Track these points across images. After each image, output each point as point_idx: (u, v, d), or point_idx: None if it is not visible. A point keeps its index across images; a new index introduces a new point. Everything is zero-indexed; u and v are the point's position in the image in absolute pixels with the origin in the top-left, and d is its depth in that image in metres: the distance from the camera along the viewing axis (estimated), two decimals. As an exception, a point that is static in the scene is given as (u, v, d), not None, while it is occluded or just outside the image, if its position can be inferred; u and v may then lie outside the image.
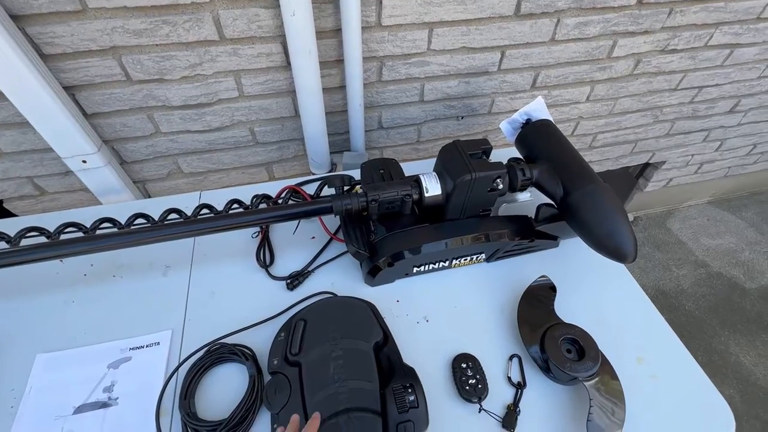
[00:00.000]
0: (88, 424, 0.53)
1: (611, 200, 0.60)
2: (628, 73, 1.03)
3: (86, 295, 0.66)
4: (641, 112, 1.18)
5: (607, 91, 1.07)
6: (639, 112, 1.17)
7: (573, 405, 0.56)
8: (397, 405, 0.51)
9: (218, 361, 0.58)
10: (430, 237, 0.65)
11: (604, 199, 0.60)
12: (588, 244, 0.61)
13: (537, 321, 0.61)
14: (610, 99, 1.09)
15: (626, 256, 0.56)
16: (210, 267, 0.70)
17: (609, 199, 0.60)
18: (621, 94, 1.09)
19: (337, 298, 0.62)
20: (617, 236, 0.57)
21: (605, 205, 0.59)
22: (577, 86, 1.02)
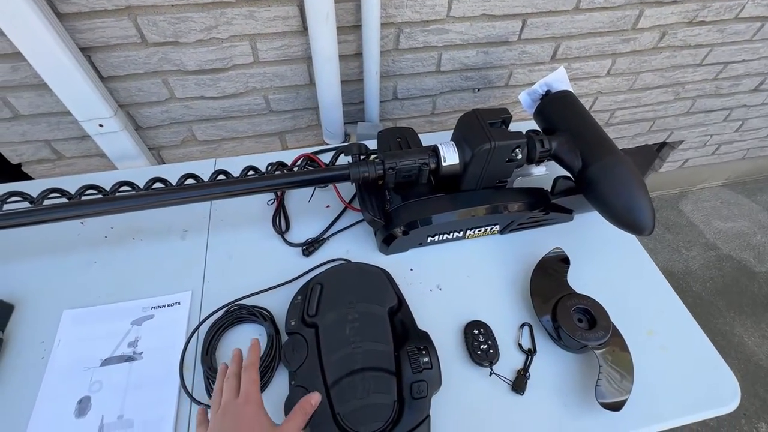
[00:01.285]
0: (116, 375, 0.55)
1: (631, 172, 0.59)
2: (652, 46, 1.00)
3: (108, 256, 0.68)
4: (662, 89, 1.14)
5: (628, 65, 1.03)
6: (660, 88, 1.14)
7: (582, 372, 0.57)
8: (412, 366, 0.52)
9: (237, 321, 0.60)
10: (445, 207, 0.65)
11: (623, 171, 0.59)
12: (605, 216, 0.61)
13: (549, 291, 0.61)
14: (631, 73, 1.06)
15: (644, 229, 0.56)
16: (227, 232, 0.71)
17: (629, 172, 0.59)
18: (643, 68, 1.05)
19: (353, 264, 0.63)
20: (636, 209, 0.57)
21: (625, 178, 0.59)
22: (599, 59, 0.99)
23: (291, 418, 0.41)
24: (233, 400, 0.41)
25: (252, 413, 0.40)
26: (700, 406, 0.55)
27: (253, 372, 0.43)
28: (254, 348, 0.47)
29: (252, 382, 0.42)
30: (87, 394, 0.53)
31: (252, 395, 0.41)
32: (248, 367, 0.44)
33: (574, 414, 0.54)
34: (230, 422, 0.39)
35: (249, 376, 0.43)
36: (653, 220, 0.57)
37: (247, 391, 0.41)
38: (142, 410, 0.52)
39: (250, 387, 0.42)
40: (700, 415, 0.55)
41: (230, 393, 0.42)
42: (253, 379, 0.43)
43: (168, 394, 0.54)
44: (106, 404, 0.53)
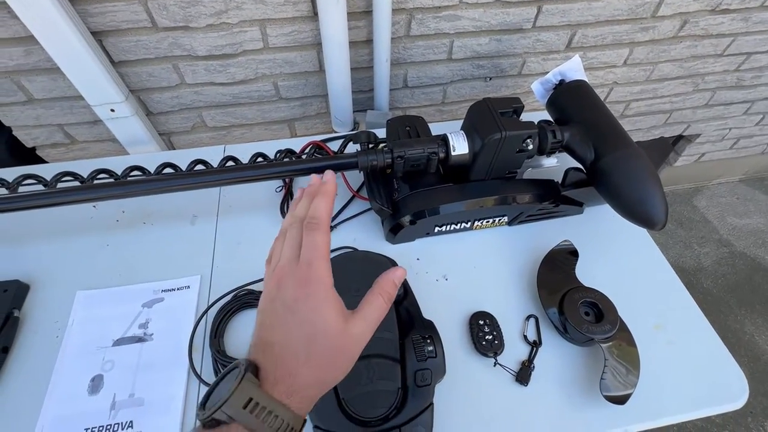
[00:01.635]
0: (127, 355, 0.57)
1: (645, 166, 0.58)
2: (672, 35, 0.97)
3: (119, 240, 0.69)
4: (681, 80, 1.11)
5: (646, 55, 1.00)
6: (678, 79, 1.11)
7: (587, 365, 0.57)
8: (416, 354, 0.53)
9: (245, 306, 0.61)
10: (453, 197, 0.65)
11: (637, 163, 0.58)
12: (617, 209, 0.60)
13: (556, 284, 0.61)
14: (648, 63, 1.03)
15: (656, 223, 0.55)
16: (235, 218, 0.72)
17: (642, 164, 0.58)
18: (661, 58, 1.02)
19: (359, 252, 0.63)
20: (649, 202, 0.56)
21: (638, 170, 0.57)
22: (616, 48, 0.96)
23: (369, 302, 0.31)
24: (292, 262, 0.30)
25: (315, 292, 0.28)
26: (706, 402, 0.55)
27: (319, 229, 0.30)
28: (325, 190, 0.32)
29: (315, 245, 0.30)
30: (100, 372, 0.55)
31: (317, 264, 0.29)
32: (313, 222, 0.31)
33: (578, 406, 0.54)
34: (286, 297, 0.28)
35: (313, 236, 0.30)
36: (666, 214, 0.56)
37: (309, 258, 0.29)
38: (152, 389, 0.54)
39: (313, 253, 0.29)
40: (706, 411, 0.55)
41: (290, 250, 0.31)
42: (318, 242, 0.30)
43: (177, 374, 0.55)
44: (118, 383, 0.54)
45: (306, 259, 0.30)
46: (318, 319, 0.28)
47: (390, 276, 0.33)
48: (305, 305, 0.28)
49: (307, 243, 0.30)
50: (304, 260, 0.30)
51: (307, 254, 0.30)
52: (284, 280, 0.30)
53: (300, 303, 0.28)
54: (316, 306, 0.28)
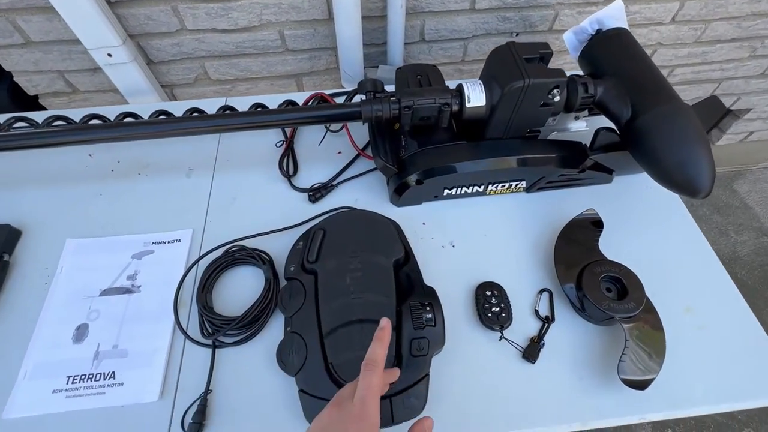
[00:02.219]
0: (113, 306, 0.54)
1: (691, 123, 0.50)
2: (731, -13, 0.84)
3: (113, 190, 0.66)
4: (736, 43, 0.98)
5: (699, 11, 0.88)
6: (733, 42, 0.98)
7: (604, 346, 0.52)
8: (413, 321, 0.48)
9: (236, 263, 0.57)
10: (466, 155, 0.58)
11: (682, 121, 0.50)
12: (653, 174, 0.52)
13: (576, 256, 0.55)
14: (700, 21, 0.91)
15: (700, 190, 0.48)
16: (232, 173, 0.68)
17: (689, 123, 0.50)
18: (716, 15, 0.90)
19: (360, 211, 0.59)
20: (693, 165, 0.48)
21: (683, 129, 0.50)
22: (663, 1, 0.85)
23: None
24: (347, 400, 0.33)
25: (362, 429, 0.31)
26: (738, 396, 0.49)
27: (374, 371, 0.34)
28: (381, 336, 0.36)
29: (369, 386, 0.33)
30: (85, 321, 0.53)
31: (369, 402, 0.32)
32: (369, 365, 0.34)
33: (591, 390, 0.49)
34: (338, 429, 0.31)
35: (368, 379, 0.33)
36: (712, 180, 0.48)
37: (363, 398, 0.32)
38: (136, 341, 0.52)
39: (368, 394, 0.32)
40: (737, 404, 0.49)
41: (349, 388, 0.34)
42: (372, 383, 0.33)
43: (163, 328, 0.53)
44: (103, 333, 0.52)
45: (360, 397, 0.33)
46: None
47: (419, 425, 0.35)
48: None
49: (364, 382, 0.34)
50: (359, 398, 0.33)
51: (361, 393, 0.33)
52: (339, 413, 0.33)
53: None
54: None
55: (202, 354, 0.51)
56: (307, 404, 0.46)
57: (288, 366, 0.48)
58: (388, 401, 0.45)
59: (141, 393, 0.48)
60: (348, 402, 0.33)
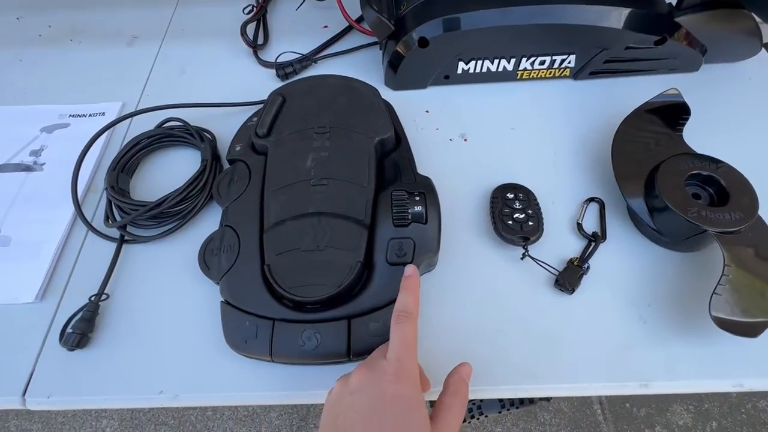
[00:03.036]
0: (5, 185, 0.41)
1: None
2: None
3: (36, 56, 0.53)
4: None
5: None
6: None
7: (681, 277, 0.34)
8: (394, 215, 0.33)
9: (169, 141, 0.43)
10: (491, 2, 0.40)
11: None
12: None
13: (648, 150, 0.37)
14: None
15: None
16: (186, 43, 0.53)
17: None
18: None
19: (335, 75, 0.42)
20: None
21: None
22: None
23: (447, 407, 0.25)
24: (379, 359, 0.26)
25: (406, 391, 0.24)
26: None
27: (406, 324, 0.26)
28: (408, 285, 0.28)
29: (405, 340, 0.26)
30: (-34, 200, 0.40)
31: (405, 365, 0.25)
32: (402, 316, 0.27)
33: (658, 336, 0.32)
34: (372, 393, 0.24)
35: (402, 331, 0.26)
36: None
37: (398, 354, 0.25)
38: (24, 228, 0.39)
39: (403, 348, 0.25)
40: None
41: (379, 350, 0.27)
42: (407, 338, 0.26)
43: (60, 215, 0.39)
44: (-15, 215, 0.39)
45: (395, 353, 0.25)
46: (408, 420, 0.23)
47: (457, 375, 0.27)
48: (395, 404, 0.23)
49: (397, 337, 0.26)
50: (393, 354, 0.25)
51: (395, 348, 0.26)
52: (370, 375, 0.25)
53: (389, 401, 0.24)
54: (408, 407, 0.24)
55: (106, 250, 0.37)
56: (230, 319, 0.31)
57: (212, 268, 0.33)
58: (345, 324, 0.30)
59: (16, 291, 0.35)
60: (380, 361, 0.25)
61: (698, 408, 0.93)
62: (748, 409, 0.93)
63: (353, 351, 0.30)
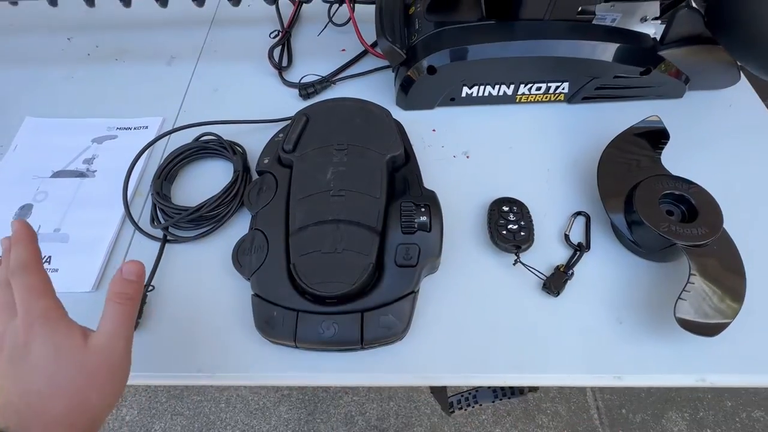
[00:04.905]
0: (63, 188, 0.47)
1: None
2: None
3: (86, 73, 0.59)
4: None
5: None
6: None
7: (654, 284, 0.39)
8: (403, 223, 0.38)
9: (205, 153, 0.48)
10: (493, 37, 0.46)
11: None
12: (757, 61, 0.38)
13: (629, 170, 0.42)
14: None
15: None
16: (218, 63, 0.59)
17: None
18: None
19: (353, 99, 0.48)
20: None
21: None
22: None
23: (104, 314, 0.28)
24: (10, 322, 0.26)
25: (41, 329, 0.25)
26: None
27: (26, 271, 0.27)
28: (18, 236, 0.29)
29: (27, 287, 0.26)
30: (30, 201, 0.46)
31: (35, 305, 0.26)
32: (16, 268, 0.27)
33: (632, 335, 0.36)
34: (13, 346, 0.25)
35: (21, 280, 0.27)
36: None
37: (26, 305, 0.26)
38: (80, 227, 0.44)
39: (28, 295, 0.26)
40: None
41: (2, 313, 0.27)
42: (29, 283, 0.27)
43: (112, 216, 0.45)
44: (47, 215, 0.45)
45: (24, 308, 0.26)
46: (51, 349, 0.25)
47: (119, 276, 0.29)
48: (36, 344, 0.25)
49: (18, 290, 0.27)
50: (21, 309, 0.26)
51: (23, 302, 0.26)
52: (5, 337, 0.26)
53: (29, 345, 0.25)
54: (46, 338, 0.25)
55: (151, 248, 0.43)
56: (260, 310, 0.37)
57: (244, 266, 0.39)
58: (359, 316, 0.35)
59: (76, 281, 0.41)
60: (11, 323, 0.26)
61: (693, 416, 0.96)
62: (742, 419, 0.95)
63: (365, 340, 0.35)
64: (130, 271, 0.30)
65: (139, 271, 0.30)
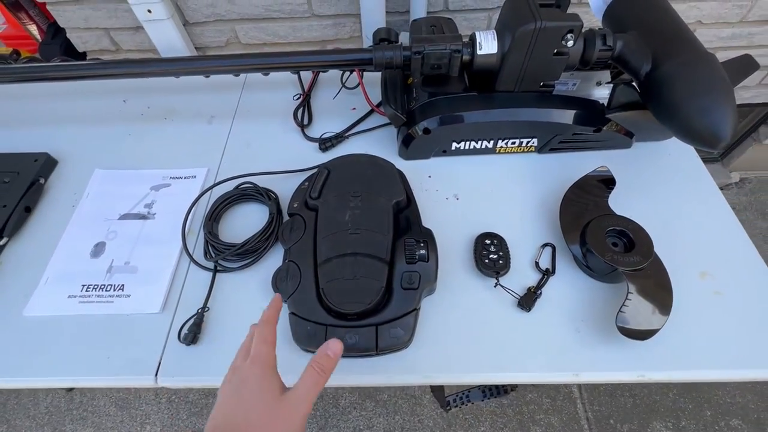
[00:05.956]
0: (129, 229, 0.58)
1: (714, 71, 0.47)
2: (782, -41, 0.79)
3: (141, 131, 0.71)
4: (788, 25, 0.92)
5: (745, -14, 0.83)
6: (785, 23, 0.91)
7: (606, 302, 0.49)
8: (407, 256, 0.48)
9: (244, 198, 0.60)
10: (475, 106, 0.58)
11: (704, 68, 0.47)
12: (671, 126, 0.50)
13: (584, 210, 0.53)
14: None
15: (720, 138, 0.45)
16: (250, 121, 0.71)
17: (711, 70, 0.47)
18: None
19: (365, 155, 0.59)
20: (714, 112, 0.45)
21: (705, 76, 0.47)
22: (704, -27, 0.81)
23: (303, 376, 0.35)
24: (242, 361, 0.37)
25: (257, 375, 0.34)
26: (753, 362, 0.45)
27: (265, 330, 0.37)
28: (273, 304, 0.40)
29: (262, 341, 0.37)
30: (103, 240, 0.57)
31: (261, 356, 0.36)
32: (261, 324, 0.38)
33: (587, 342, 0.47)
34: (234, 385, 0.35)
35: (260, 335, 0.37)
36: (733, 129, 0.45)
37: (256, 351, 0.36)
38: (146, 260, 0.55)
39: (260, 347, 0.36)
40: (752, 373, 0.45)
41: (241, 353, 0.38)
42: (264, 338, 0.37)
43: (171, 250, 0.56)
44: (118, 251, 0.56)
45: (255, 351, 0.36)
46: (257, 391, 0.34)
47: (324, 349, 0.37)
48: (249, 382, 0.34)
49: (256, 337, 0.37)
50: (254, 351, 0.36)
51: (256, 345, 0.36)
52: (236, 370, 0.36)
53: (245, 382, 0.34)
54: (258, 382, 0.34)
55: (203, 276, 0.53)
56: (296, 325, 0.47)
57: (282, 291, 0.49)
58: (374, 329, 0.45)
59: (145, 304, 0.51)
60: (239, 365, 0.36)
61: (676, 425, 1.03)
62: (721, 427, 1.03)
63: (379, 347, 0.45)
64: (333, 348, 0.36)
65: (338, 350, 0.37)
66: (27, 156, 0.64)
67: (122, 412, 1.09)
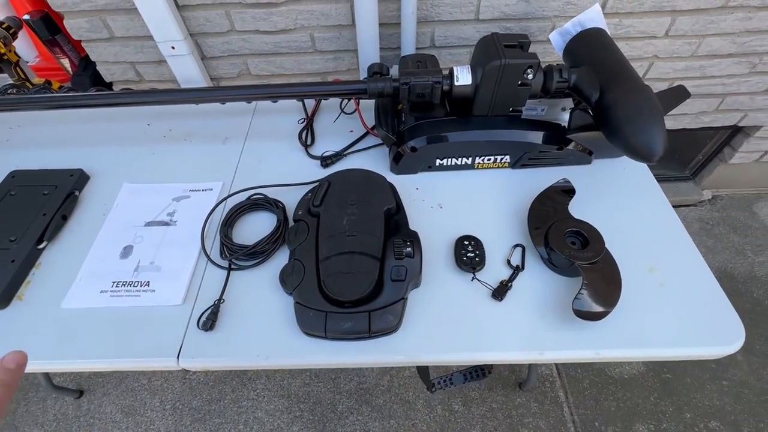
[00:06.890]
0: (153, 234, 0.66)
1: (646, 99, 0.57)
2: (720, 5, 0.92)
3: (163, 150, 0.80)
4: (734, 58, 1.04)
5: (691, 26, 0.96)
6: (731, 57, 1.04)
7: (567, 293, 0.57)
8: (395, 253, 0.57)
9: (255, 207, 0.68)
10: (455, 127, 0.68)
11: (640, 96, 0.58)
12: (616, 142, 0.59)
13: (548, 215, 0.62)
14: (694, 36, 0.98)
15: (653, 153, 0.55)
16: (260, 142, 0.81)
17: (645, 98, 0.57)
18: (709, 31, 0.97)
19: (361, 170, 0.69)
20: (647, 132, 0.55)
21: (640, 103, 0.57)
22: (655, 16, 0.94)
23: None
24: None
25: None
26: (694, 342, 0.53)
27: None
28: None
29: None
30: (131, 243, 0.65)
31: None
32: None
33: (551, 325, 0.54)
34: None
35: None
36: (664, 146, 0.55)
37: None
38: (169, 261, 0.63)
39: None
40: (692, 351, 0.53)
41: None
42: None
43: (191, 252, 0.64)
44: (144, 253, 0.64)
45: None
46: None
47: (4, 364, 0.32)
48: None
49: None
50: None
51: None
52: None
53: None
54: None
55: (219, 274, 0.61)
56: (301, 313, 0.54)
57: (288, 284, 0.57)
58: (367, 315, 0.53)
59: (168, 298, 0.59)
60: None
61: (657, 427, 1.08)
62: (700, 428, 1.08)
63: (372, 331, 0.52)
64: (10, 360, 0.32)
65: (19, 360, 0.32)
66: (63, 172, 0.73)
67: (128, 418, 1.13)
